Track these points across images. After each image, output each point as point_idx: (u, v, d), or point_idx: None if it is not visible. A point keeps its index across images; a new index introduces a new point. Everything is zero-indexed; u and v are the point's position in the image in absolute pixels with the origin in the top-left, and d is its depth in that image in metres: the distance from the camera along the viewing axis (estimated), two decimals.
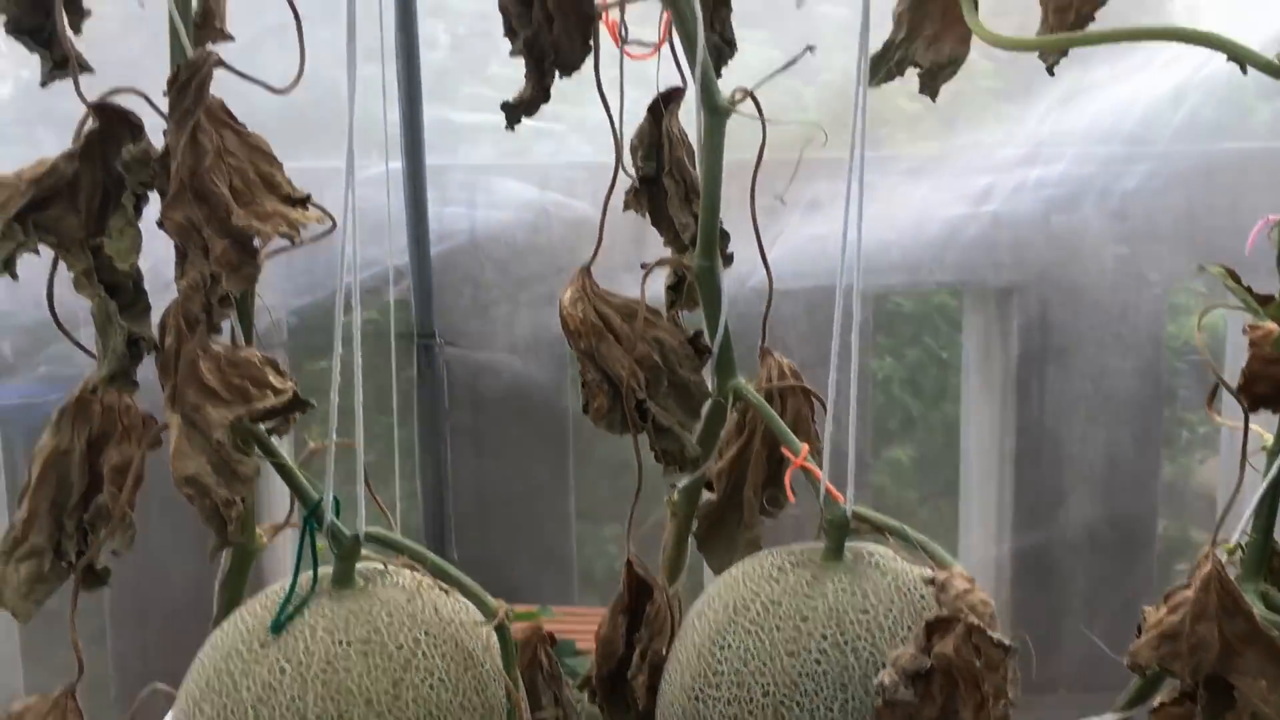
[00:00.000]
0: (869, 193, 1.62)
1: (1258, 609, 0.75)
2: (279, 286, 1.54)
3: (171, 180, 0.63)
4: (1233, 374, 0.79)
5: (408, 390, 1.62)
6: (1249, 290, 0.71)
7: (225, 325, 0.70)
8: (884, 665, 0.66)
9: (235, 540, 0.65)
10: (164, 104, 0.65)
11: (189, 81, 0.62)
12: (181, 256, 0.64)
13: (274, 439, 0.71)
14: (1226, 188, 1.59)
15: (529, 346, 1.67)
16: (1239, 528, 0.80)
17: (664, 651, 0.77)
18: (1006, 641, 0.64)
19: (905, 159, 1.61)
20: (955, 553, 1.88)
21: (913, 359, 2.01)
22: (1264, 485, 0.80)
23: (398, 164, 1.53)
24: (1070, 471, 1.77)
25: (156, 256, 0.72)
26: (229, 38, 0.73)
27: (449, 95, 1.61)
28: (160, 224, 0.64)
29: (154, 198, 0.67)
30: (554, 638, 0.77)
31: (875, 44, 0.94)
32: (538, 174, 1.63)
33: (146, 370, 0.70)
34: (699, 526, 0.86)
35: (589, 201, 1.62)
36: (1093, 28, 0.84)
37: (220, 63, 0.64)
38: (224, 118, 0.65)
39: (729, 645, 0.70)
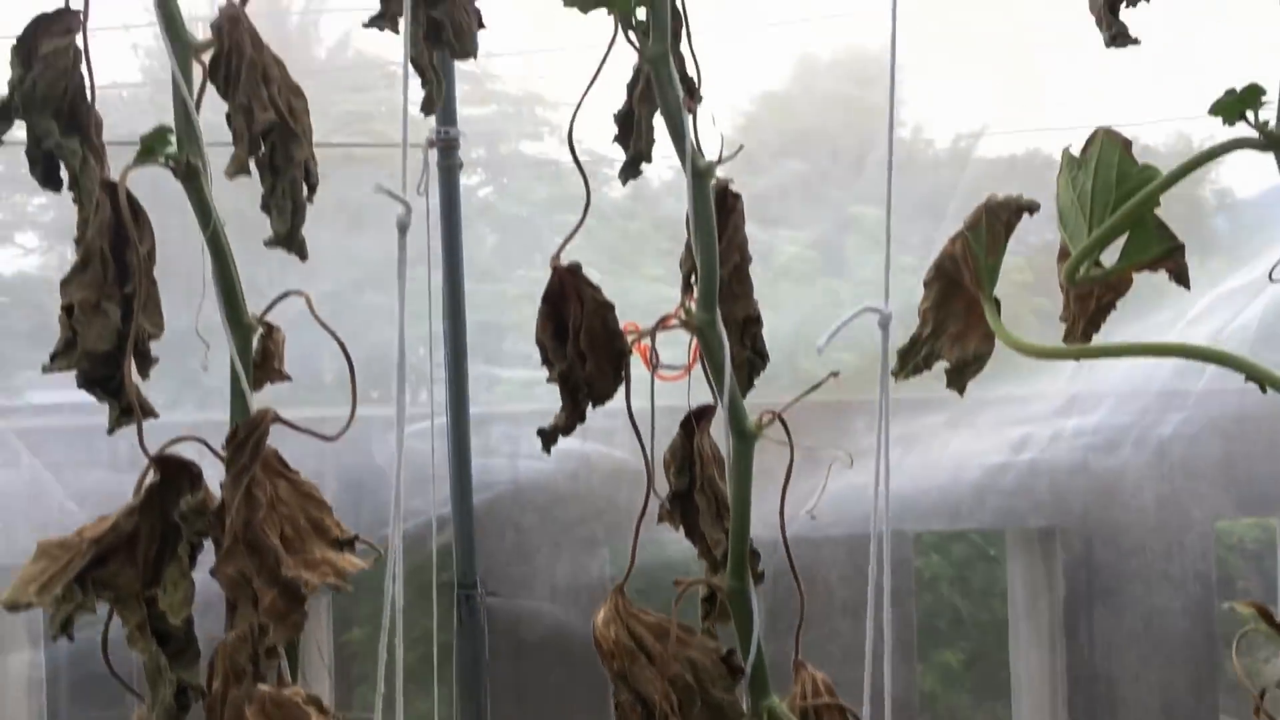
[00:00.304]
0: (909, 442, 1.64)
1: None
2: None
3: (226, 533, 0.66)
4: None
5: (448, 642, 1.62)
6: (1278, 628, 0.71)
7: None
8: None
9: None
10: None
11: (247, 439, 0.66)
12: (231, 608, 0.66)
13: None
14: (1262, 430, 1.60)
15: (569, 591, 1.67)
16: None
17: None
18: None
19: (943, 409, 1.64)
20: None
21: (966, 599, 1.98)
22: None
23: (443, 418, 1.57)
24: (1125, 714, 1.72)
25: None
26: (286, 378, 0.77)
27: (493, 352, 1.67)
28: (213, 573, 0.67)
29: (207, 544, 0.70)
30: None
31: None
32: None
33: None
34: None
35: (628, 451, 1.65)
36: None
37: (277, 419, 0.67)
38: (278, 468, 0.68)
39: None
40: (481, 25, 0.77)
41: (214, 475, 0.71)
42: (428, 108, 0.72)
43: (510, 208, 2.09)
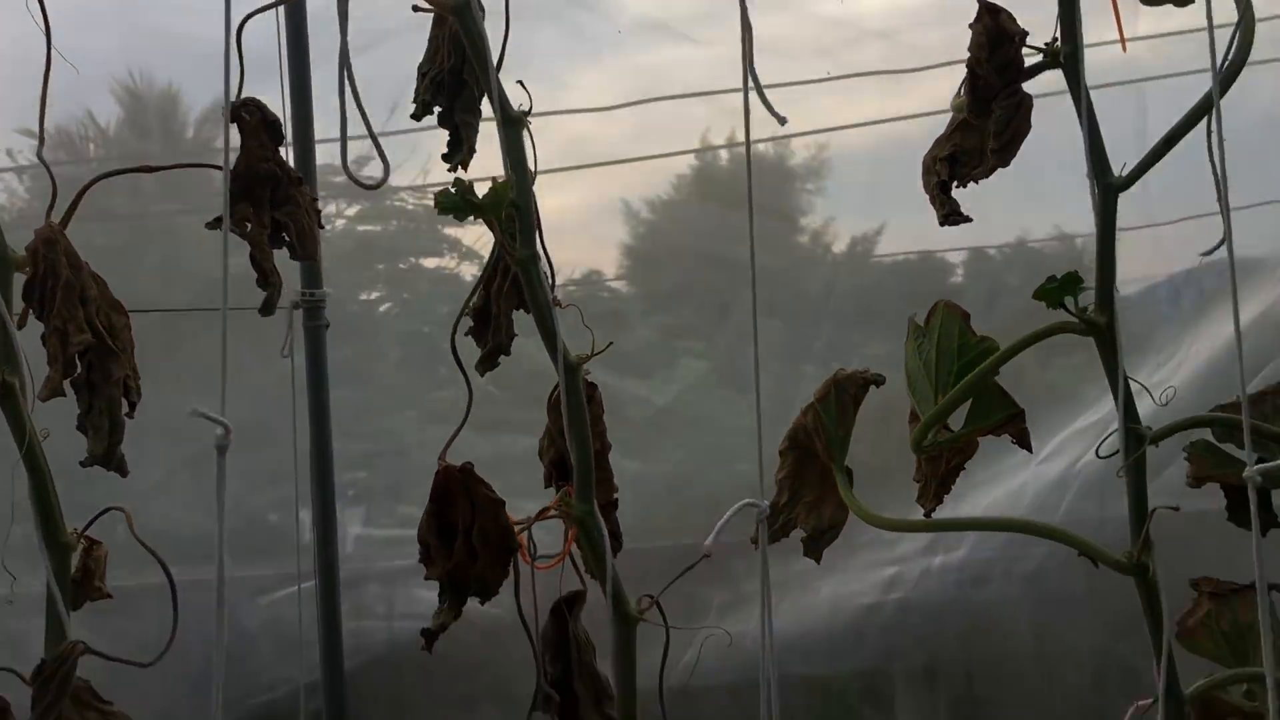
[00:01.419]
0: (784, 588, 1.64)
1: None
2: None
3: None
4: None
5: None
6: None
7: None
8: None
9: None
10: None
11: (54, 675, 0.62)
12: None
13: None
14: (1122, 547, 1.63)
15: None
16: None
17: None
18: None
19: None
20: None
21: None
22: None
23: (310, 583, 1.53)
24: None
25: None
26: (108, 595, 0.74)
27: (370, 515, 1.64)
28: None
29: None
30: None
31: None
32: None
33: None
34: None
35: (504, 608, 1.61)
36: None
37: (86, 650, 0.64)
38: (89, 700, 0.64)
39: None
40: (321, 226, 0.77)
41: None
42: (266, 310, 0.71)
43: (412, 324, 2.07)
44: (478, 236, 1.95)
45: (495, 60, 0.80)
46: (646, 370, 2.00)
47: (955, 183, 0.89)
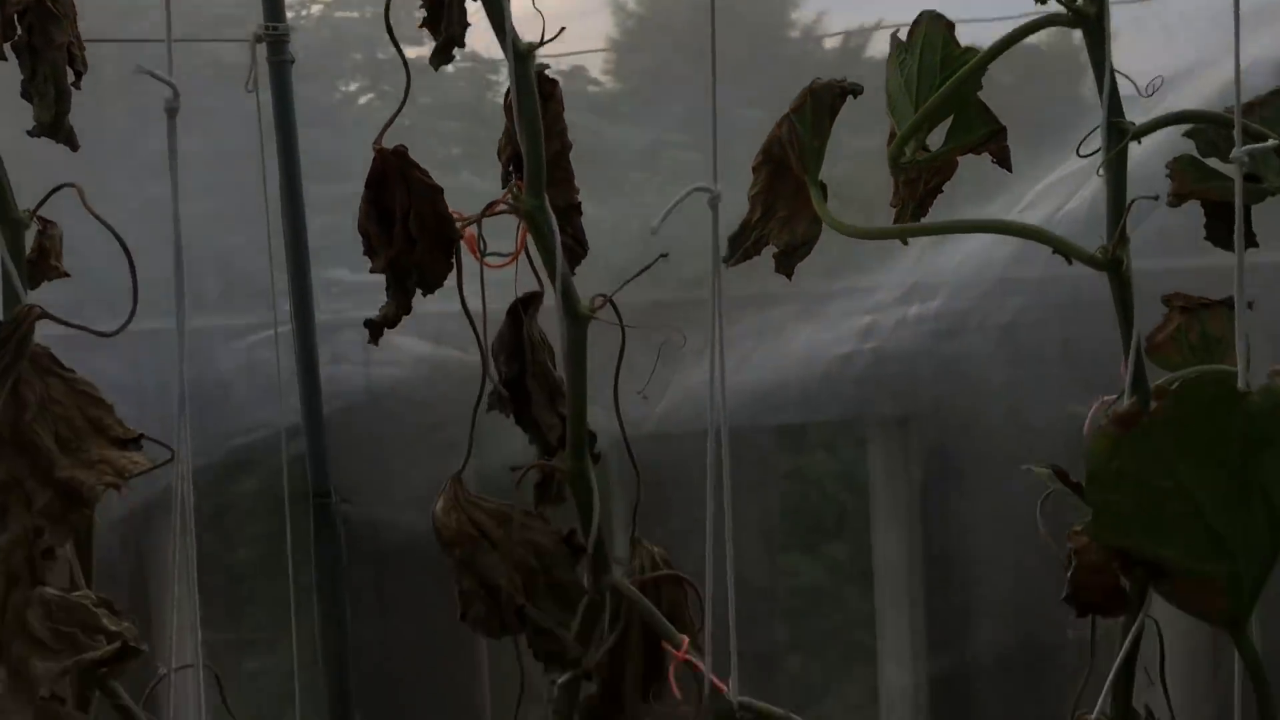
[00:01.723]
0: (760, 334, 1.64)
1: None
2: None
3: None
4: None
5: (305, 550, 1.59)
6: (1078, 488, 0.73)
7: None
8: None
9: None
10: None
11: (10, 337, 0.61)
12: (2, 511, 0.62)
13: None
14: (1102, 309, 1.64)
15: (426, 498, 1.64)
16: (1100, 697, 0.81)
17: None
18: None
19: (792, 301, 1.64)
20: (875, 683, 1.86)
21: (823, 488, 2.02)
22: (1117, 662, 0.81)
23: (287, 326, 1.52)
24: (979, 597, 1.78)
25: None
26: (65, 274, 0.72)
27: (342, 255, 1.62)
28: None
29: None
30: None
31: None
32: (432, 328, 1.63)
33: None
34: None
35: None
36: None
37: (44, 315, 0.63)
38: (48, 364, 0.64)
39: None
40: None
41: None
42: None
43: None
44: None
45: None
46: (632, 165, 1.95)
47: None
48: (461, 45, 0.84)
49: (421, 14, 0.80)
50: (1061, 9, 0.80)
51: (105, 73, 1.01)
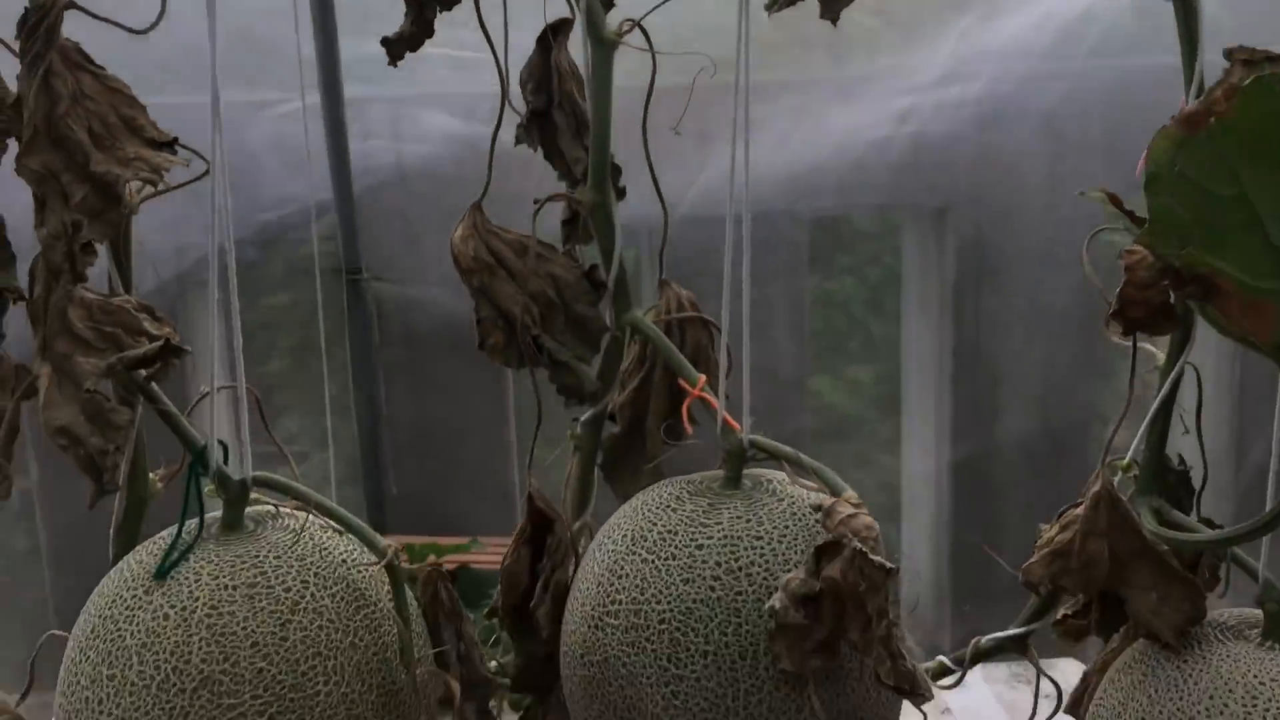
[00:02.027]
0: (797, 115, 1.60)
1: (1149, 524, 0.76)
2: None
3: (25, 126, 0.61)
4: None
5: (338, 326, 1.61)
6: (1130, 214, 0.71)
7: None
8: (776, 590, 0.67)
9: (112, 489, 0.64)
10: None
11: (38, 24, 0.60)
12: (41, 204, 0.62)
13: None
14: (1145, 102, 1.59)
15: (460, 280, 1.65)
16: (1133, 445, 0.81)
17: (566, 581, 0.77)
18: (887, 564, 0.65)
19: (831, 82, 1.60)
20: (899, 467, 1.89)
21: (858, 278, 2.01)
22: (1155, 404, 0.80)
23: (315, 98, 1.50)
24: (1007, 388, 1.79)
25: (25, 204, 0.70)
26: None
27: (371, 27, 1.58)
28: (18, 170, 0.62)
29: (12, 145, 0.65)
30: (455, 575, 0.77)
31: None
32: (463, 106, 1.60)
33: (21, 322, 0.69)
34: (604, 459, 0.86)
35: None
36: None
37: (71, 4, 0.61)
38: (79, 60, 0.62)
39: (626, 574, 0.70)
40: None
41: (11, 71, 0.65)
42: None
43: None
44: None
45: None
46: None
47: None
48: None
49: None
50: None
51: None
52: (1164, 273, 0.62)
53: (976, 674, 0.96)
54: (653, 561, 0.70)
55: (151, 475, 0.75)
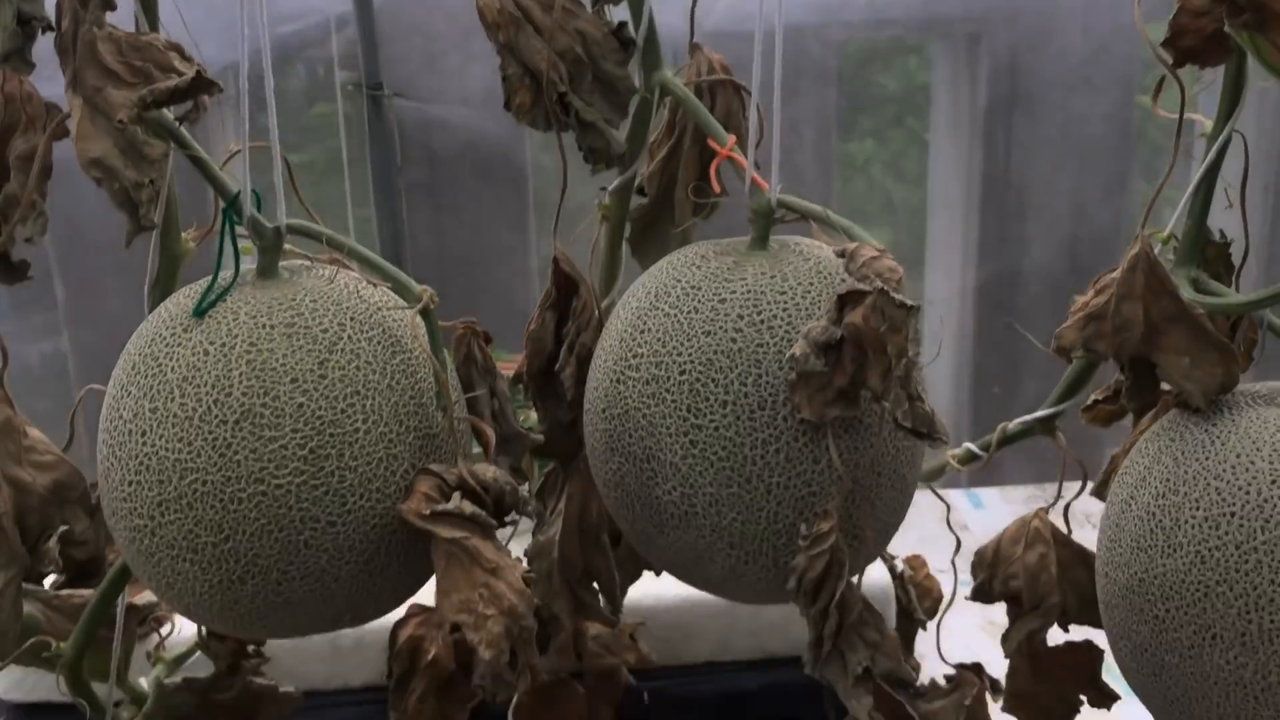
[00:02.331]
0: None
1: (1185, 292, 0.75)
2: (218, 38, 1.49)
3: None
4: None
5: (360, 144, 1.59)
6: None
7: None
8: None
9: (148, 224, 0.64)
10: None
11: None
12: None
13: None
14: None
15: (484, 100, 1.62)
16: (1174, 217, 0.80)
17: (591, 344, 0.78)
18: (909, 303, 0.64)
19: None
20: (921, 291, 1.87)
21: (887, 94, 1.97)
22: (1199, 173, 0.79)
23: None
24: (1034, 216, 1.77)
25: None
26: None
27: None
28: None
29: None
30: (489, 336, 0.78)
31: None
32: None
33: (51, 63, 0.68)
34: (631, 230, 0.86)
35: None
36: None
37: None
38: None
39: (649, 329, 0.71)
40: None
41: None
42: None
43: None
44: None
45: None
46: None
47: None
48: None
49: None
50: None
51: None
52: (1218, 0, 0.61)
53: (994, 496, 0.98)
54: (675, 315, 0.70)
55: (185, 233, 0.75)
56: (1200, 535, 0.70)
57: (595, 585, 0.86)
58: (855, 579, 0.72)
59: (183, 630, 0.99)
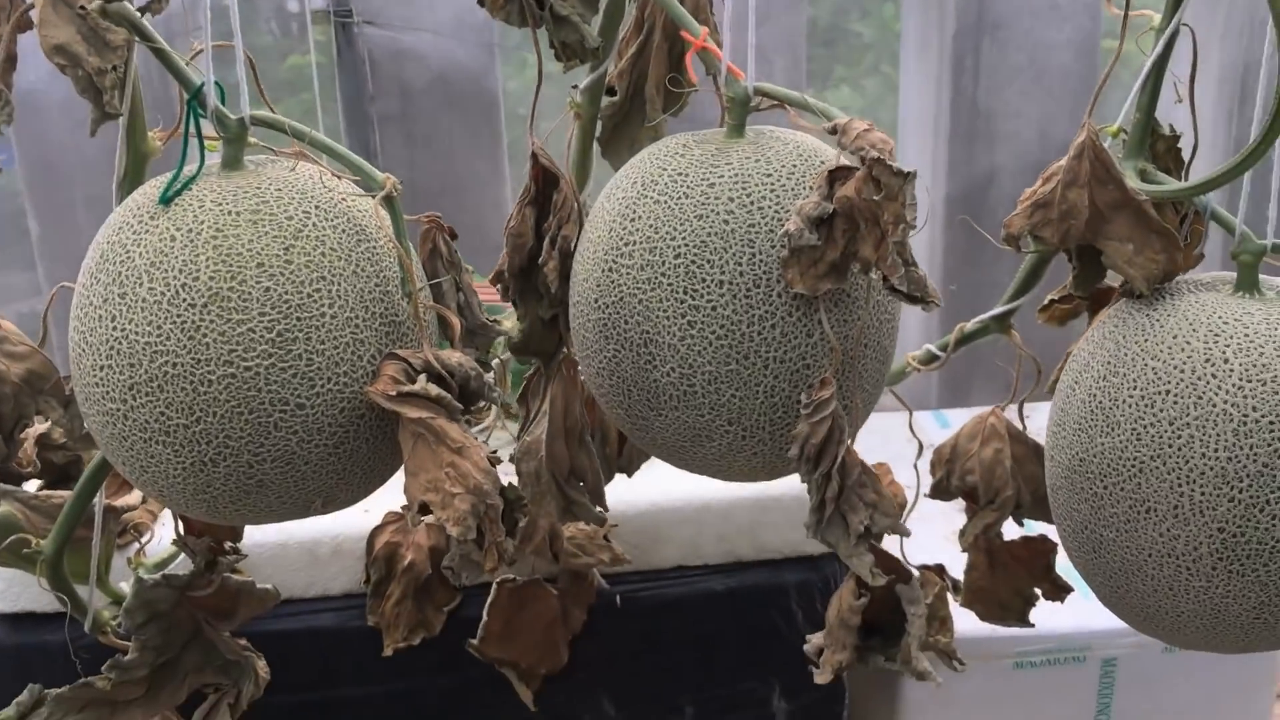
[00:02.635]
0: None
1: (1130, 180, 0.77)
2: None
3: None
4: None
5: (329, 73, 1.59)
6: None
7: None
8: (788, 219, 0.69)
9: (113, 111, 0.65)
10: None
11: None
12: None
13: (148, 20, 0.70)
14: None
15: (454, 30, 1.62)
16: (1123, 109, 0.82)
17: (572, 238, 0.79)
18: (905, 169, 0.66)
19: None
20: None
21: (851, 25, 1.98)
22: (1147, 64, 0.81)
23: None
24: (1003, 145, 1.78)
25: None
26: None
27: None
28: None
29: None
30: (454, 231, 0.79)
31: None
32: None
33: None
34: (602, 130, 0.87)
35: None
36: None
37: None
38: None
39: (639, 216, 0.72)
40: None
41: None
42: None
43: None
44: None
45: None
46: None
47: None
48: None
49: None
50: None
51: None
52: None
53: (962, 417, 1.00)
54: (665, 202, 0.72)
55: (151, 132, 0.76)
56: (1136, 413, 0.72)
57: (581, 484, 0.88)
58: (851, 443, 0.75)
59: (162, 540, 1.01)
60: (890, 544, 0.95)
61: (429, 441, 0.66)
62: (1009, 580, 0.97)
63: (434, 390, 0.67)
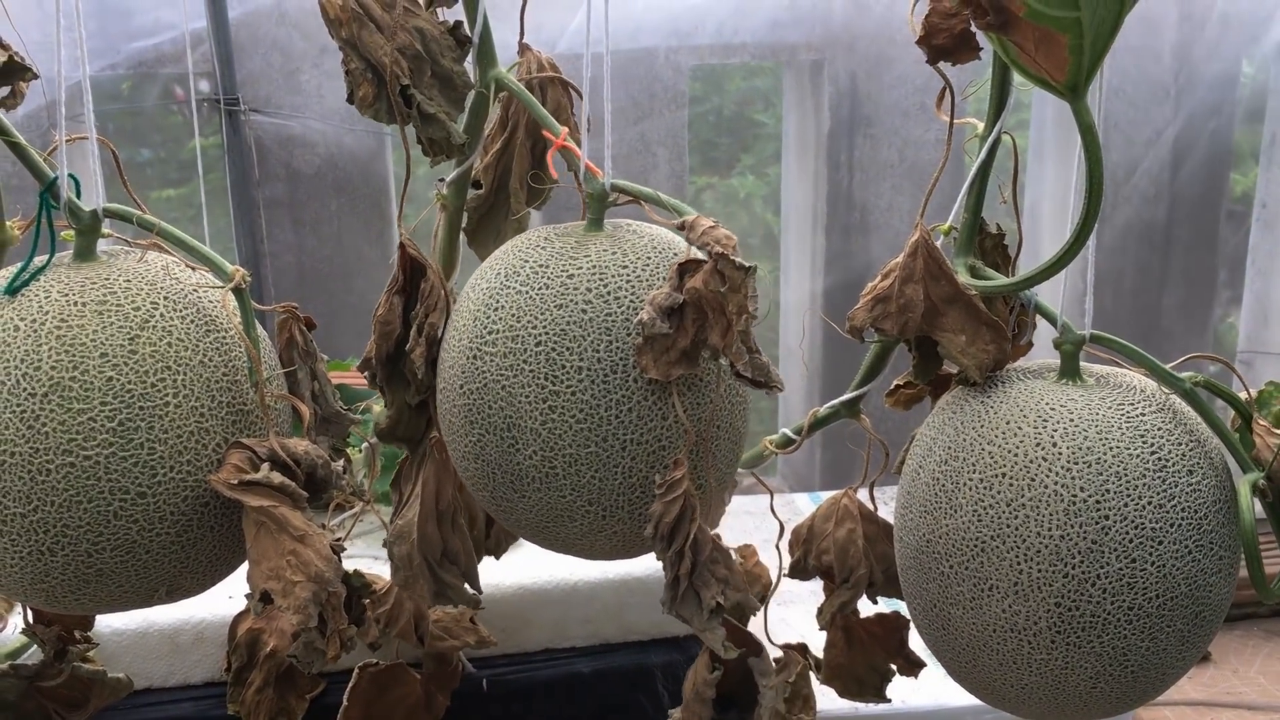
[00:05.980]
0: None
1: (961, 276, 0.82)
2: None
3: None
4: None
5: (217, 160, 1.60)
6: None
7: None
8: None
9: None
10: None
11: None
12: None
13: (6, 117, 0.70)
14: None
15: (344, 117, 1.65)
16: (954, 210, 0.87)
17: (439, 325, 0.81)
18: (747, 264, 0.70)
19: None
20: (777, 297, 1.92)
21: (734, 122, 2.05)
22: (973, 170, 0.86)
23: None
24: (878, 237, 1.85)
25: None
26: None
27: None
28: None
29: None
30: (312, 322, 0.80)
31: None
32: None
33: None
34: (468, 220, 0.89)
35: None
36: None
37: None
38: None
39: (502, 306, 0.75)
40: None
41: None
42: None
43: None
44: None
45: None
46: None
47: None
48: None
49: None
50: None
51: None
52: (965, 2, 0.67)
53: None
54: (526, 292, 0.74)
55: (9, 222, 0.77)
56: (976, 495, 0.76)
57: (454, 567, 0.88)
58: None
59: (17, 629, 0.99)
60: (755, 624, 0.98)
61: (271, 530, 0.67)
62: (865, 656, 0.99)
63: (277, 479, 0.67)
